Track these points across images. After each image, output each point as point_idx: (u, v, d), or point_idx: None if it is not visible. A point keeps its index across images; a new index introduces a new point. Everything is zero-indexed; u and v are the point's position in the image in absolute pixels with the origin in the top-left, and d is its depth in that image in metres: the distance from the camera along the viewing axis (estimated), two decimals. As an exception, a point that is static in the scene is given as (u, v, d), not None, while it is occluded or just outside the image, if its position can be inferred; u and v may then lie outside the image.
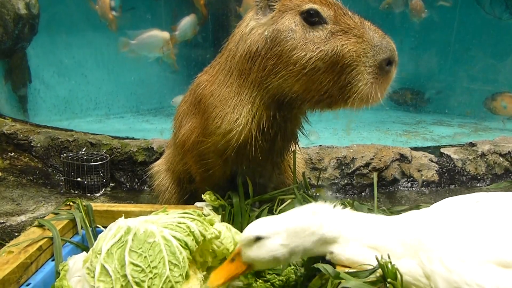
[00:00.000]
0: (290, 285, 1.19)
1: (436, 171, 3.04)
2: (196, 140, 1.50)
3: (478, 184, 3.08)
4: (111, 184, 3.01)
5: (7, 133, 3.40)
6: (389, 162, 2.95)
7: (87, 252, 1.17)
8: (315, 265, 1.04)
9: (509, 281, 0.78)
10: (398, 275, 0.90)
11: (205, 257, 1.16)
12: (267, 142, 1.42)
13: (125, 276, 0.98)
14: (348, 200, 1.48)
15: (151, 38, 4.15)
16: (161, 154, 2.37)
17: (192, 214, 1.16)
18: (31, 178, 3.03)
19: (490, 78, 5.92)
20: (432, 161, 3.07)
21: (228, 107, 1.37)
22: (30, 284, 1.15)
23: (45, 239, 1.27)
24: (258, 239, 1.02)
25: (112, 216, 1.43)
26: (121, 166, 3.06)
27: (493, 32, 5.89)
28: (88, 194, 2.82)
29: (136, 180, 3.03)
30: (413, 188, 2.98)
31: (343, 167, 2.91)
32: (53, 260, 1.27)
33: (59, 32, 4.92)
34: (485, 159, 3.13)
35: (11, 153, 3.27)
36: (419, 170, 3.01)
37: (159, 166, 1.93)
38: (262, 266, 1.09)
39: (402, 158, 3.02)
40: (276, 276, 1.21)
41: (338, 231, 1.02)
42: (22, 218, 2.33)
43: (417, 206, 1.49)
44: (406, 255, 0.93)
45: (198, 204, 1.51)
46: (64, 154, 2.95)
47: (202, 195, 1.51)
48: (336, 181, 2.89)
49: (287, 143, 1.55)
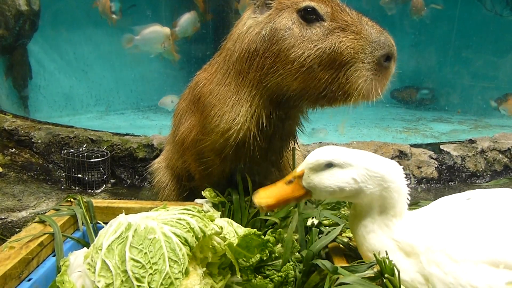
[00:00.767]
0: (289, 281, 1.20)
1: (436, 168, 3.04)
2: (195, 139, 1.50)
3: (478, 181, 3.09)
4: (112, 181, 3.02)
5: (8, 129, 3.41)
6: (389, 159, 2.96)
7: (88, 248, 1.18)
8: (314, 261, 1.05)
9: (501, 281, 0.79)
10: (396, 271, 0.91)
11: (205, 253, 1.17)
12: (266, 141, 1.42)
13: (126, 272, 0.98)
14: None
15: (153, 34, 4.15)
16: (161, 151, 2.38)
17: (192, 211, 1.17)
18: (32, 174, 3.04)
19: (491, 75, 5.91)
20: (432, 158, 3.08)
21: (227, 106, 1.37)
22: (32, 279, 1.16)
23: (46, 235, 1.28)
24: (330, 166, 0.97)
25: (113, 212, 1.44)
26: (122, 163, 3.07)
27: (494, 29, 5.88)
28: (89, 191, 2.83)
29: (137, 177, 3.04)
30: (413, 185, 2.99)
31: (343, 164, 2.91)
32: (54, 256, 1.28)
33: (60, 29, 4.92)
34: (485, 156, 3.14)
35: (12, 149, 3.28)
36: (419, 167, 3.02)
37: (159, 163, 1.94)
38: (322, 195, 1.03)
39: (402, 155, 3.03)
40: (275, 272, 1.22)
41: (403, 206, 1.00)
42: (23, 214, 2.34)
43: (417, 203, 1.50)
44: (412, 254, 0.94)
45: (198, 201, 1.52)
46: (65, 151, 2.96)
47: (202, 192, 1.51)
48: (336, 178, 2.89)
49: (286, 141, 1.55)
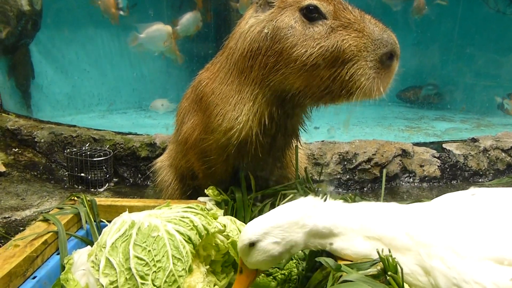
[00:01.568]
0: (292, 279, 1.20)
1: (438, 167, 3.04)
2: (198, 138, 1.50)
3: (480, 180, 3.09)
4: (115, 179, 3.03)
5: (11, 129, 3.42)
6: (391, 158, 2.96)
7: (92, 246, 1.18)
8: (317, 259, 1.05)
9: (507, 279, 0.79)
10: (399, 268, 0.91)
11: (209, 251, 1.17)
12: (268, 139, 1.43)
13: (130, 269, 0.99)
14: (350, 195, 1.49)
15: (157, 32, 4.15)
16: (164, 150, 2.38)
17: (195, 209, 1.18)
18: (35, 173, 3.05)
19: (493, 74, 5.90)
20: (434, 157, 3.08)
21: (229, 105, 1.37)
22: (36, 277, 1.16)
23: (50, 233, 1.28)
24: (252, 245, 1.02)
25: (116, 211, 1.44)
26: (124, 162, 3.07)
27: (497, 27, 5.87)
28: (92, 189, 2.84)
29: (139, 176, 3.05)
30: (415, 184, 2.98)
31: (345, 163, 2.92)
32: (58, 254, 1.28)
33: (62, 28, 4.93)
34: (487, 155, 3.13)
35: (15, 149, 3.30)
36: (421, 166, 3.02)
37: (162, 162, 1.94)
38: (266, 267, 1.09)
39: (404, 154, 3.03)
40: (278, 270, 1.22)
41: (332, 222, 1.02)
42: (27, 213, 2.35)
43: (419, 201, 1.50)
44: (406, 249, 0.94)
45: (201, 199, 1.53)
46: (68, 150, 2.97)
47: (205, 190, 1.52)
48: (338, 176, 2.90)
49: (289, 140, 1.55)
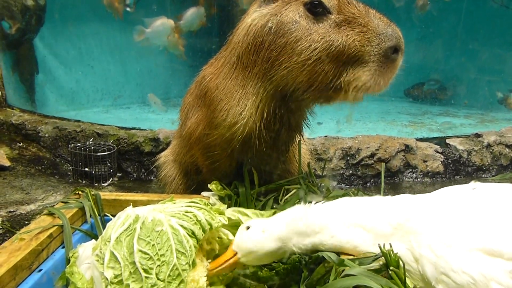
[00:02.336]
0: (295, 273, 1.21)
1: (442, 162, 3.04)
2: (203, 133, 1.51)
3: (484, 175, 3.09)
4: (118, 174, 3.04)
5: (16, 124, 3.44)
6: (394, 153, 2.96)
7: (96, 240, 1.19)
8: (319, 253, 1.06)
9: (495, 270, 0.79)
10: (401, 263, 0.91)
11: (212, 245, 1.18)
12: (272, 133, 1.43)
13: (134, 263, 1.00)
14: (353, 190, 1.49)
15: (161, 26, 4.15)
16: (168, 145, 2.39)
17: (199, 203, 1.18)
18: (40, 168, 3.07)
19: (497, 69, 5.87)
20: (438, 152, 3.08)
21: (233, 100, 1.37)
22: (42, 270, 1.17)
23: (55, 227, 1.30)
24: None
25: (120, 205, 1.46)
26: (128, 156, 3.09)
27: (501, 22, 5.83)
28: (96, 184, 2.85)
29: (143, 170, 3.07)
30: (418, 179, 2.98)
31: (348, 158, 2.92)
32: (63, 248, 1.30)
33: (66, 23, 4.93)
34: (491, 150, 3.13)
35: (20, 143, 3.31)
36: (424, 161, 3.01)
37: (166, 157, 1.95)
38: (247, 258, 1.13)
39: (407, 149, 3.02)
40: (281, 264, 1.22)
41: (318, 224, 1.04)
42: (32, 207, 2.36)
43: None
44: (395, 236, 0.94)
45: (205, 194, 1.53)
46: (72, 144, 2.98)
47: (209, 185, 1.53)
48: (341, 172, 2.90)
49: (292, 134, 1.55)
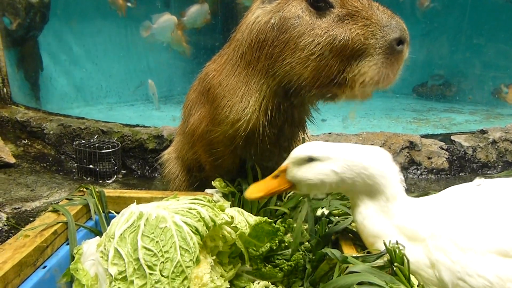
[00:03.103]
0: (299, 270, 1.21)
1: (446, 159, 3.02)
2: (205, 130, 1.51)
3: (489, 172, 3.07)
4: (123, 171, 3.05)
5: (21, 121, 3.46)
6: (399, 150, 2.95)
7: (101, 237, 1.20)
8: (323, 250, 1.06)
9: (510, 271, 0.79)
10: (405, 259, 0.91)
11: (216, 242, 1.18)
12: (275, 130, 1.43)
13: (138, 260, 1.00)
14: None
15: (167, 22, 4.15)
16: (171, 142, 2.39)
17: (203, 200, 1.18)
18: (45, 165, 3.08)
19: (502, 65, 5.82)
20: (442, 149, 3.06)
21: (236, 97, 1.37)
22: (46, 267, 1.18)
23: (60, 224, 1.30)
24: (311, 160, 1.00)
25: (124, 202, 1.46)
26: (132, 154, 3.09)
27: (506, 17, 5.78)
28: (100, 181, 2.86)
29: (147, 167, 3.07)
30: (423, 176, 2.97)
31: (353, 155, 2.91)
32: (68, 244, 1.30)
33: (70, 21, 4.94)
34: (496, 146, 3.11)
35: (25, 140, 3.33)
36: (429, 158, 3.00)
37: (169, 154, 1.95)
38: (306, 189, 1.07)
39: (412, 146, 3.01)
40: (285, 261, 1.22)
41: (395, 190, 1.01)
42: (37, 204, 2.37)
43: (426, 194, 1.50)
44: (415, 239, 0.94)
45: (208, 191, 1.53)
46: (76, 142, 2.99)
47: (212, 182, 1.53)
48: (345, 169, 2.89)
49: (295, 131, 1.55)
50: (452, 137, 3.20)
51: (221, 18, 5.33)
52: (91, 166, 2.87)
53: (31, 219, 2.15)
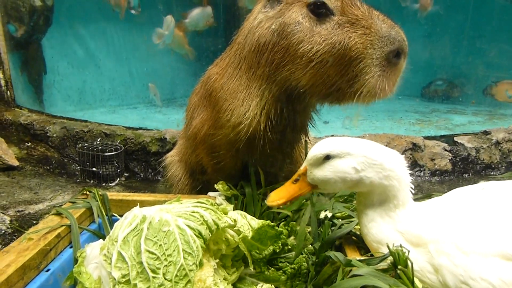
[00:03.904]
0: (302, 273, 1.21)
1: (450, 160, 3.02)
2: (207, 133, 1.51)
3: (493, 173, 3.06)
4: (126, 174, 3.06)
5: (24, 124, 3.47)
6: (402, 152, 2.94)
7: (104, 240, 1.20)
8: (327, 253, 1.06)
9: None
10: (409, 262, 0.91)
11: (219, 245, 1.18)
12: (277, 134, 1.42)
13: (141, 263, 1.00)
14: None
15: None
16: (174, 145, 2.40)
17: (206, 204, 1.18)
18: (48, 168, 3.09)
19: (505, 65, 5.80)
20: (446, 150, 3.05)
21: (238, 101, 1.37)
22: (50, 270, 1.18)
23: (63, 227, 1.30)
24: (328, 158, 0.99)
25: (127, 205, 1.46)
26: (135, 156, 3.10)
27: (509, 18, 5.76)
28: (103, 184, 2.87)
29: (150, 170, 3.08)
30: (426, 178, 2.96)
31: (355, 157, 2.91)
32: (71, 247, 1.30)
33: (73, 24, 4.96)
34: (500, 147, 3.10)
35: (28, 143, 3.34)
36: (432, 159, 2.99)
37: (172, 157, 1.95)
38: (328, 188, 1.05)
39: (415, 147, 3.01)
40: (288, 264, 1.22)
41: (406, 196, 1.00)
42: (40, 207, 2.38)
43: (430, 195, 1.49)
44: (418, 244, 0.94)
45: (211, 194, 1.54)
46: (80, 145, 3.00)
47: (215, 185, 1.53)
48: (348, 171, 2.88)
49: (297, 135, 1.55)
50: (455, 139, 3.19)
51: (224, 21, 5.34)
52: (94, 169, 2.88)
53: (35, 222, 2.16)
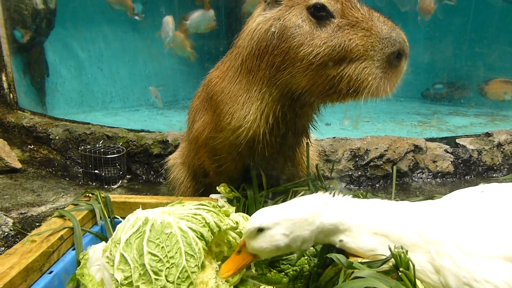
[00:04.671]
0: (304, 275, 1.21)
1: (452, 162, 3.01)
2: (209, 136, 1.51)
3: (495, 175, 3.05)
4: (128, 176, 3.06)
5: (27, 126, 3.48)
6: (404, 154, 2.94)
7: (106, 242, 1.20)
8: (328, 255, 1.06)
9: None
10: (411, 265, 0.91)
11: (221, 247, 1.18)
12: (278, 138, 1.43)
13: (143, 265, 1.01)
14: (362, 192, 1.49)
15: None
16: (176, 147, 2.40)
17: (208, 206, 1.19)
18: (51, 170, 3.10)
19: (507, 67, 5.79)
20: (448, 152, 3.05)
21: (238, 104, 1.37)
22: (52, 272, 1.19)
23: (66, 229, 1.31)
24: (261, 230, 1.03)
25: (130, 207, 1.47)
26: (137, 159, 3.11)
27: (510, 20, 5.76)
28: (106, 186, 2.88)
29: (152, 173, 3.08)
30: (428, 180, 2.96)
31: (357, 159, 2.91)
32: (74, 250, 1.31)
33: (76, 27, 4.97)
34: (502, 149, 3.09)
35: (31, 146, 3.35)
36: (434, 161, 2.99)
37: (175, 159, 1.96)
38: (267, 255, 1.10)
39: (417, 149, 3.00)
40: (290, 266, 1.23)
41: (339, 219, 1.02)
42: (43, 209, 2.39)
43: (432, 197, 1.49)
44: (415, 246, 0.94)
45: (213, 196, 1.54)
46: (82, 147, 3.01)
47: (217, 187, 1.53)
48: (350, 173, 2.89)
49: (299, 138, 1.55)
50: (457, 140, 3.19)
51: (226, 24, 5.35)
52: (97, 171, 2.88)
53: (37, 224, 2.17)
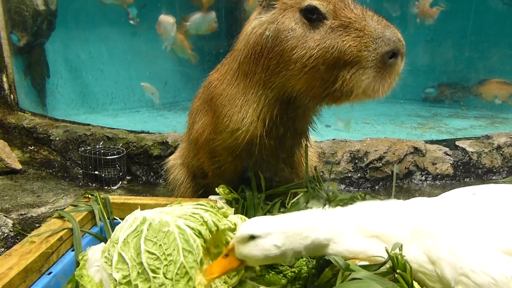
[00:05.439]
0: (302, 277, 1.21)
1: (451, 164, 3.02)
2: (208, 137, 1.52)
3: (494, 177, 3.05)
4: (128, 177, 3.07)
5: (27, 127, 3.49)
6: (403, 156, 2.95)
7: (105, 243, 1.21)
8: (326, 257, 1.06)
9: None
10: (408, 266, 0.91)
11: (219, 249, 1.19)
12: (276, 140, 1.43)
13: (141, 264, 1.01)
14: (360, 194, 1.49)
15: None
16: (176, 148, 2.41)
17: (206, 206, 1.19)
18: (51, 171, 3.10)
19: (507, 70, 5.80)
20: (447, 154, 3.05)
21: (236, 107, 1.38)
22: (52, 273, 1.19)
23: (65, 230, 1.31)
24: (252, 238, 1.03)
25: (129, 208, 1.47)
26: (137, 160, 3.11)
27: (510, 23, 5.76)
28: (106, 187, 2.88)
29: (152, 174, 3.09)
30: (427, 182, 2.96)
31: (357, 161, 2.91)
32: (73, 250, 1.32)
33: (76, 28, 4.99)
34: (501, 152, 3.10)
35: (31, 147, 3.36)
36: (434, 164, 2.99)
37: (174, 160, 1.97)
38: (255, 263, 1.11)
39: (416, 152, 3.01)
40: (289, 268, 1.23)
41: (332, 233, 1.02)
42: (42, 210, 2.39)
43: (429, 200, 1.49)
44: (410, 241, 0.94)
45: (212, 197, 1.54)
46: (82, 148, 3.01)
47: (216, 189, 1.54)
48: (349, 175, 2.89)
49: (298, 140, 1.55)
50: (457, 143, 3.19)
51: (226, 26, 5.36)
52: (97, 172, 2.89)
53: (37, 225, 2.17)
